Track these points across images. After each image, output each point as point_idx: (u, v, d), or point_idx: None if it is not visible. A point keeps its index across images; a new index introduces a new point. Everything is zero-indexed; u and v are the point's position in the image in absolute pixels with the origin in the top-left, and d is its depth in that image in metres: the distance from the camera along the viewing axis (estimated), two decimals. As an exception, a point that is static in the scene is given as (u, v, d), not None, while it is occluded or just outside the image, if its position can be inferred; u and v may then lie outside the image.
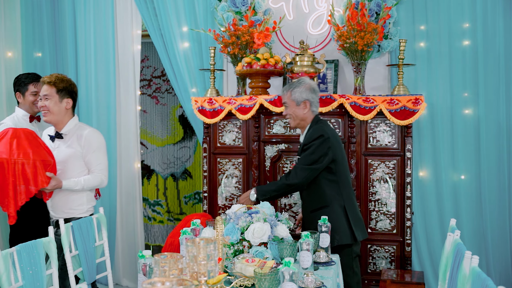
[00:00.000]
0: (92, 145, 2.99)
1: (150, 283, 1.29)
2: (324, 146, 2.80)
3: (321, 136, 2.81)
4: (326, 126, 2.90)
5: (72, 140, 2.99)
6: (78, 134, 2.99)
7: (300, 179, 2.81)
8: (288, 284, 1.81)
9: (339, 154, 2.88)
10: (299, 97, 2.87)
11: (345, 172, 2.92)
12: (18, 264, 2.15)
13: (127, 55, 4.39)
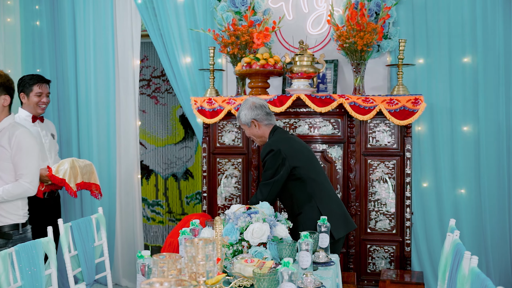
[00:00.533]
0: (22, 147, 2.74)
1: (149, 283, 1.29)
2: (276, 158, 2.88)
3: (271, 151, 2.89)
4: (278, 138, 2.97)
5: (3, 139, 2.76)
6: (10, 133, 2.75)
7: (265, 195, 2.86)
8: (287, 284, 1.80)
9: (299, 159, 2.92)
10: (246, 119, 3.00)
11: (312, 174, 2.95)
12: (17, 264, 2.15)
13: (126, 55, 4.39)
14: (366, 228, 3.56)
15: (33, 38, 4.34)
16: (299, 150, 2.97)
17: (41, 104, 3.52)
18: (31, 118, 3.52)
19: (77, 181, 3.42)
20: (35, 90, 3.49)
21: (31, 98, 3.49)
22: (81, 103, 4.40)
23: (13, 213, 2.77)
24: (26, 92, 3.50)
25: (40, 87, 3.50)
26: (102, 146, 4.39)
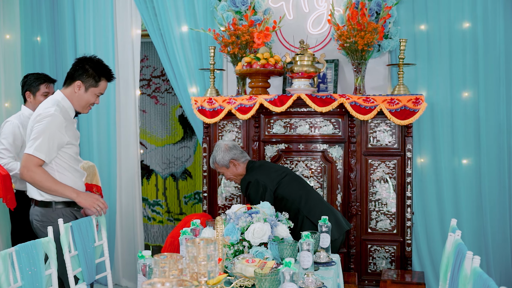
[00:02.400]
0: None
1: (150, 283, 1.28)
2: (257, 188, 3.03)
3: (249, 183, 3.06)
4: (250, 170, 3.14)
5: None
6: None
7: None
8: (288, 284, 1.80)
9: (276, 178, 3.08)
10: (224, 161, 3.16)
11: (293, 189, 3.06)
12: (17, 264, 2.13)
13: (126, 55, 4.38)
14: (366, 228, 3.55)
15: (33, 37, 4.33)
16: (273, 170, 3.14)
17: None
18: None
19: None
20: (42, 90, 3.49)
21: (38, 98, 3.49)
22: (81, 103, 4.39)
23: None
24: (32, 91, 3.49)
25: (47, 86, 3.52)
26: (102, 146, 4.38)
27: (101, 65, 2.83)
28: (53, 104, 2.70)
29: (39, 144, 2.61)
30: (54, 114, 2.65)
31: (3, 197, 3.12)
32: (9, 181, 3.18)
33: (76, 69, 2.79)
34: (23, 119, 3.45)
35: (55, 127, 2.64)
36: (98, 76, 2.79)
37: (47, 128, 2.62)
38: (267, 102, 3.53)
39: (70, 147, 2.75)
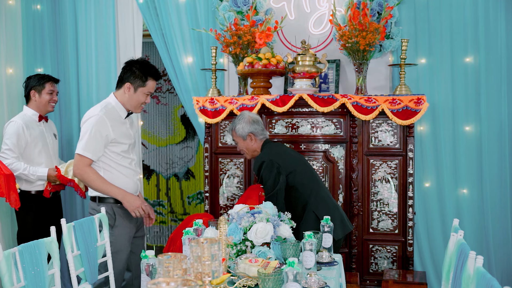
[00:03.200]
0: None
1: (155, 283, 1.29)
2: (270, 169, 2.94)
3: (263, 163, 2.96)
4: (267, 150, 3.03)
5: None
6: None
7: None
8: (292, 284, 1.80)
9: (291, 165, 2.99)
10: (243, 132, 3.06)
11: (306, 180, 3.00)
12: (20, 264, 2.14)
13: (128, 55, 4.36)
14: (368, 228, 3.56)
15: (34, 38, 4.33)
16: (289, 156, 3.06)
17: (52, 102, 3.60)
18: (38, 117, 3.52)
19: None
20: (48, 88, 3.55)
21: (43, 96, 3.53)
22: (82, 103, 4.39)
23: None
24: (38, 89, 3.53)
25: (52, 85, 3.59)
26: (104, 146, 4.37)
27: (147, 65, 2.97)
28: (101, 106, 2.92)
29: (85, 144, 2.82)
30: (98, 115, 2.85)
31: (6, 197, 3.13)
32: (12, 181, 3.19)
33: (125, 71, 2.96)
34: (26, 119, 3.46)
35: (99, 126, 2.83)
36: (145, 76, 2.94)
37: (91, 128, 2.83)
38: (269, 102, 3.53)
39: (116, 145, 2.91)
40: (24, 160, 3.41)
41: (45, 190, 3.46)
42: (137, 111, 3.04)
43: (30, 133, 3.42)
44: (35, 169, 3.39)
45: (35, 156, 3.46)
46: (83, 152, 2.84)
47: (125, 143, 2.97)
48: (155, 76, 2.98)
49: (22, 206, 3.26)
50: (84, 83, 4.39)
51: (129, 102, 2.97)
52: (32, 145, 3.43)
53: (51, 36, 4.43)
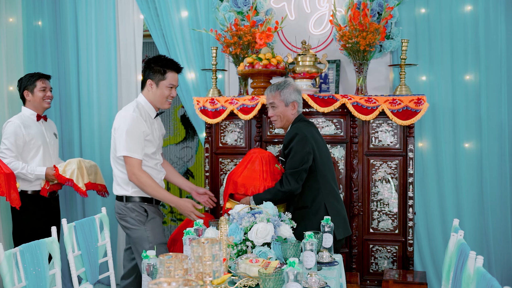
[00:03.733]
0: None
1: (156, 283, 1.29)
2: (304, 144, 2.84)
3: (296, 134, 2.86)
4: (304, 124, 2.94)
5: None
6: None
7: (293, 184, 2.84)
8: (292, 284, 1.81)
9: (318, 150, 2.91)
10: (289, 98, 2.96)
11: (325, 170, 2.95)
12: (21, 264, 2.15)
13: (128, 55, 4.38)
14: (368, 228, 3.56)
15: (35, 38, 4.33)
16: (319, 143, 2.96)
17: (46, 99, 3.57)
18: (36, 117, 3.52)
19: (85, 181, 3.47)
20: (39, 85, 3.52)
21: (36, 94, 3.52)
22: (83, 103, 4.40)
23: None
24: (30, 89, 3.52)
25: (43, 82, 3.56)
26: (104, 146, 4.38)
27: (164, 59, 2.99)
28: (132, 106, 2.95)
29: (126, 144, 2.85)
30: (132, 114, 2.87)
31: (7, 196, 3.13)
32: (13, 180, 3.19)
33: (144, 70, 3.00)
34: (24, 119, 3.46)
35: (136, 123, 2.86)
36: (163, 69, 2.95)
37: (127, 127, 2.85)
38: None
39: (146, 146, 2.94)
40: (23, 160, 3.42)
41: (42, 189, 3.46)
42: (165, 106, 3.03)
43: (28, 132, 3.42)
44: (33, 168, 3.39)
45: (34, 155, 3.46)
46: (128, 153, 2.86)
47: (155, 143, 3.00)
48: (174, 68, 2.98)
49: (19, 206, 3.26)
50: (84, 83, 4.39)
51: (155, 99, 2.98)
52: (30, 144, 3.43)
53: (52, 37, 4.43)
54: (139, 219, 2.94)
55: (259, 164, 3.00)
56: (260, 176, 2.97)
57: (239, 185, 2.98)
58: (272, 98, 2.98)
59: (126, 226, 2.98)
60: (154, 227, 2.98)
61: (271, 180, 2.96)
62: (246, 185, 2.97)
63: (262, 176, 2.97)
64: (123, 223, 2.99)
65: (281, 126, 3.04)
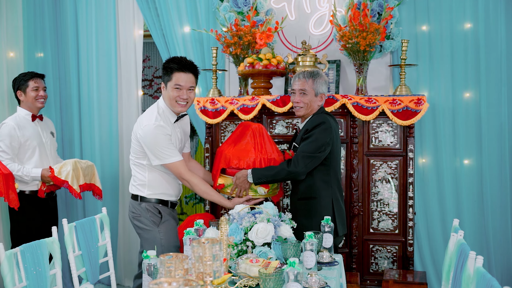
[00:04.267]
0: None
1: (157, 283, 1.29)
2: (326, 134, 2.81)
3: (323, 123, 2.82)
4: (329, 117, 2.92)
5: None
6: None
7: (302, 167, 2.80)
8: (293, 284, 1.81)
9: (335, 147, 2.91)
10: (320, 89, 2.92)
11: (337, 166, 2.96)
12: (22, 264, 2.15)
13: (129, 55, 4.39)
14: (368, 228, 3.56)
15: (35, 38, 4.34)
16: (338, 139, 2.95)
17: (39, 98, 3.52)
18: (31, 117, 3.51)
19: (80, 183, 3.43)
20: (31, 85, 3.49)
21: (29, 94, 3.50)
22: (83, 103, 4.40)
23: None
24: (22, 89, 3.50)
25: (36, 81, 3.52)
26: (105, 146, 4.39)
27: (172, 58, 2.86)
28: (154, 113, 2.83)
29: (162, 151, 2.76)
30: (155, 124, 2.77)
31: (5, 196, 3.13)
32: (11, 180, 3.19)
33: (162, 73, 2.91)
34: (18, 120, 3.46)
35: (161, 130, 2.76)
36: (170, 69, 2.81)
37: (155, 136, 2.75)
38: (270, 102, 3.54)
39: None
40: (19, 161, 3.41)
41: (39, 190, 3.46)
42: (177, 109, 2.84)
43: (23, 133, 3.41)
44: (28, 170, 3.38)
45: (30, 156, 3.45)
46: (165, 160, 2.78)
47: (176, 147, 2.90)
48: (180, 67, 2.79)
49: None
50: (84, 83, 4.40)
51: (167, 101, 2.85)
52: (26, 145, 3.43)
53: (52, 37, 4.43)
54: (153, 220, 2.88)
55: (252, 136, 2.92)
56: (254, 148, 2.88)
57: (232, 158, 2.88)
58: (304, 84, 2.90)
59: (140, 226, 2.90)
60: (167, 230, 2.92)
61: (266, 153, 2.88)
62: (240, 158, 2.86)
63: (256, 148, 2.88)
64: (137, 223, 2.91)
65: (303, 114, 2.95)
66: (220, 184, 2.92)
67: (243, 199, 2.87)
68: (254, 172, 2.82)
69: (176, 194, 3.00)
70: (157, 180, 2.89)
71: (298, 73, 2.96)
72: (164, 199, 2.93)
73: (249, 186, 2.87)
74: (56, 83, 4.41)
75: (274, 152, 2.96)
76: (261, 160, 2.87)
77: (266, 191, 2.91)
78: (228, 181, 2.89)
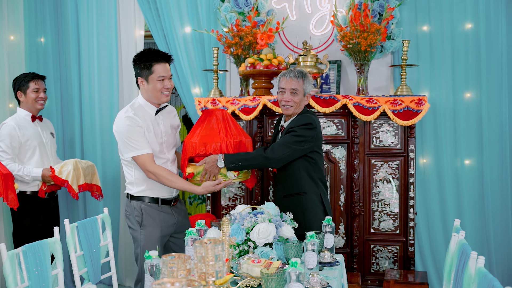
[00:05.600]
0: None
1: (160, 283, 1.30)
2: (309, 133, 2.83)
3: (309, 124, 2.84)
4: (315, 117, 2.94)
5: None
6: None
7: (279, 155, 2.79)
8: (294, 284, 1.81)
9: (320, 146, 2.94)
10: (308, 88, 2.93)
11: (322, 165, 2.98)
12: (24, 264, 2.16)
13: (130, 55, 4.38)
14: (369, 228, 3.57)
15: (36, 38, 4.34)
16: (321, 137, 2.98)
17: (39, 100, 3.52)
18: (31, 118, 3.52)
19: (80, 183, 3.43)
20: (32, 87, 3.49)
21: (29, 95, 3.50)
22: (84, 104, 4.41)
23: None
24: (23, 90, 3.50)
25: (36, 83, 3.51)
26: (106, 146, 4.39)
27: (147, 52, 2.84)
28: (126, 107, 2.86)
29: (129, 143, 2.77)
30: (126, 115, 2.79)
31: (4, 196, 3.12)
32: (10, 180, 3.18)
33: (134, 70, 2.88)
34: (18, 120, 3.46)
35: (132, 122, 2.76)
36: (148, 63, 2.79)
37: (125, 127, 2.77)
38: (271, 103, 3.54)
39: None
40: (20, 161, 3.42)
41: (40, 190, 3.46)
42: (162, 99, 2.84)
43: (23, 133, 3.42)
44: (29, 170, 3.38)
45: (31, 156, 3.46)
46: (133, 153, 2.77)
47: (157, 141, 2.86)
48: (160, 59, 2.80)
49: (18, 207, 3.26)
50: (86, 84, 4.40)
51: (150, 95, 2.84)
52: (26, 145, 3.43)
53: (54, 37, 4.43)
54: (137, 220, 2.86)
55: (216, 121, 2.89)
56: (219, 132, 2.85)
57: (198, 145, 2.82)
58: (296, 84, 2.89)
59: (129, 224, 2.91)
60: (146, 235, 2.85)
61: (231, 137, 2.86)
62: (206, 144, 2.82)
63: (221, 132, 2.86)
64: (127, 221, 2.92)
65: (291, 113, 2.94)
66: (189, 173, 2.86)
67: (214, 182, 2.82)
68: (227, 157, 2.78)
69: (167, 190, 2.91)
70: (142, 176, 2.85)
71: (287, 72, 2.94)
72: (152, 196, 2.87)
73: (219, 171, 2.82)
74: (57, 84, 4.41)
75: (241, 134, 2.92)
76: (227, 144, 2.83)
77: (236, 175, 2.86)
78: (197, 169, 2.83)
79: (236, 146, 2.87)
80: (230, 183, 2.87)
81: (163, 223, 2.89)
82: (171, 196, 2.96)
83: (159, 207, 2.90)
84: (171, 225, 2.93)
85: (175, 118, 3.07)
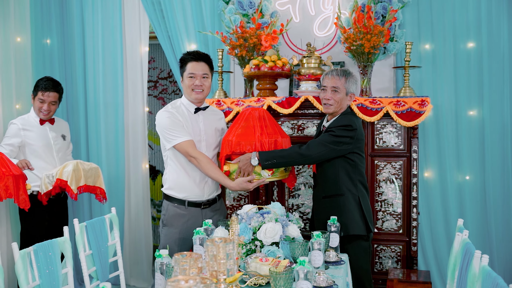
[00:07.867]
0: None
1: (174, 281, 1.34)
2: (348, 134, 2.81)
3: (349, 125, 2.82)
4: (356, 119, 2.93)
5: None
6: None
7: (314, 153, 2.79)
8: (302, 282, 1.85)
9: (361, 148, 2.92)
10: (351, 88, 2.92)
11: (363, 168, 2.96)
12: (35, 263, 2.19)
13: (134, 56, 4.43)
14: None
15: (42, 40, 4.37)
16: (363, 141, 2.98)
17: (43, 111, 3.56)
18: (39, 120, 3.57)
19: (80, 184, 3.44)
20: (39, 96, 3.54)
21: (35, 102, 3.57)
22: (89, 104, 4.44)
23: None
24: (34, 94, 3.57)
25: (44, 94, 3.54)
26: (111, 147, 4.43)
27: (186, 52, 2.99)
28: (168, 105, 2.97)
29: (169, 134, 2.83)
30: (166, 110, 2.89)
31: (15, 197, 3.15)
32: (22, 181, 3.21)
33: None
34: (26, 121, 3.53)
35: (171, 115, 2.85)
36: (184, 60, 2.93)
37: (164, 120, 2.85)
38: (275, 104, 3.58)
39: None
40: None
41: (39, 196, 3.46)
42: (193, 96, 2.90)
43: (26, 134, 3.48)
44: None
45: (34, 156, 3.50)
46: (176, 140, 2.81)
47: (195, 139, 2.88)
48: (191, 57, 2.91)
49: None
50: (91, 86, 4.44)
51: (184, 92, 2.95)
52: (30, 147, 3.49)
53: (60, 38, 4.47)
54: (162, 218, 2.94)
55: (252, 119, 2.93)
56: (254, 131, 2.88)
57: (233, 144, 2.86)
58: (337, 82, 2.88)
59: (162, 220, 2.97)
60: (166, 234, 2.90)
61: (266, 136, 2.87)
62: (240, 143, 2.86)
63: (256, 131, 2.88)
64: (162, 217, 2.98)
65: (332, 111, 2.92)
66: (225, 171, 2.91)
67: (246, 178, 2.83)
68: (261, 155, 2.78)
69: (197, 192, 2.91)
70: (173, 176, 2.91)
71: (330, 71, 2.95)
72: (179, 198, 2.89)
73: (253, 169, 2.83)
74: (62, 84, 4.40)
75: (277, 133, 2.93)
76: (262, 143, 2.85)
77: (270, 174, 2.87)
78: (233, 167, 2.88)
79: (272, 145, 2.88)
80: (263, 181, 2.88)
81: (185, 225, 2.90)
82: (201, 199, 2.94)
83: (186, 209, 2.91)
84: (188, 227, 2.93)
85: (220, 121, 3.11)
